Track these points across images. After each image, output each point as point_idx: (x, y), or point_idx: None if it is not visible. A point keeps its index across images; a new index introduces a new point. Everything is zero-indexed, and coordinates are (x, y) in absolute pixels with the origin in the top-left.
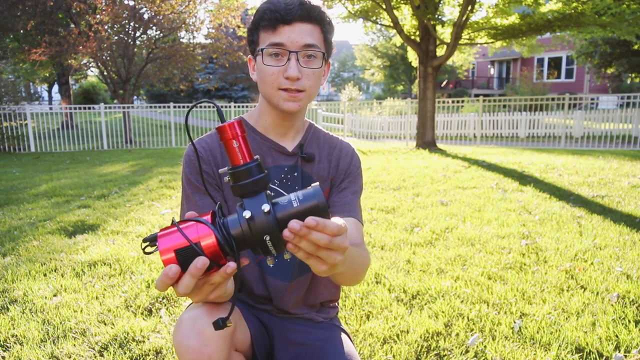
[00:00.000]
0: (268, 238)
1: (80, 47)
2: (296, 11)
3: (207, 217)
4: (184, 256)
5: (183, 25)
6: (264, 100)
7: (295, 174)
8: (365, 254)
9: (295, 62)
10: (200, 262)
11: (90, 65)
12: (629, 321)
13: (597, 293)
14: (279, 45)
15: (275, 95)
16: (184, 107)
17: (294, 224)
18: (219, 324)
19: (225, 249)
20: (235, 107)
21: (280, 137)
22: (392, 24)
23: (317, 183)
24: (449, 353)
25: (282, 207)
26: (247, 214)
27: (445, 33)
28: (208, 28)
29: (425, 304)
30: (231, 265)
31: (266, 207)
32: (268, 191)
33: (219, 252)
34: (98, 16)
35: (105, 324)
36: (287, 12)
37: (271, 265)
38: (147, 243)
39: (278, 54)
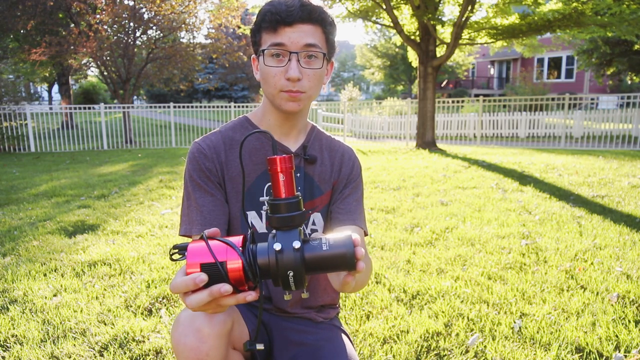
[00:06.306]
0: (292, 274)
1: (81, 47)
2: (297, 13)
3: (239, 240)
4: (208, 272)
5: (183, 25)
6: (267, 100)
7: (298, 174)
8: (370, 263)
9: (295, 62)
10: (225, 288)
11: (90, 65)
12: (629, 321)
13: (597, 293)
14: (280, 46)
15: (277, 96)
16: (183, 107)
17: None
18: (247, 347)
19: (248, 275)
20: (235, 107)
21: (284, 137)
22: (392, 24)
23: (350, 233)
24: (449, 353)
25: (312, 247)
26: (277, 246)
27: (445, 33)
28: (208, 28)
29: (425, 304)
30: (252, 294)
31: (297, 244)
32: (301, 228)
33: (242, 277)
34: (98, 16)
35: (105, 324)
36: (287, 13)
37: None
38: (177, 250)
39: (279, 54)
